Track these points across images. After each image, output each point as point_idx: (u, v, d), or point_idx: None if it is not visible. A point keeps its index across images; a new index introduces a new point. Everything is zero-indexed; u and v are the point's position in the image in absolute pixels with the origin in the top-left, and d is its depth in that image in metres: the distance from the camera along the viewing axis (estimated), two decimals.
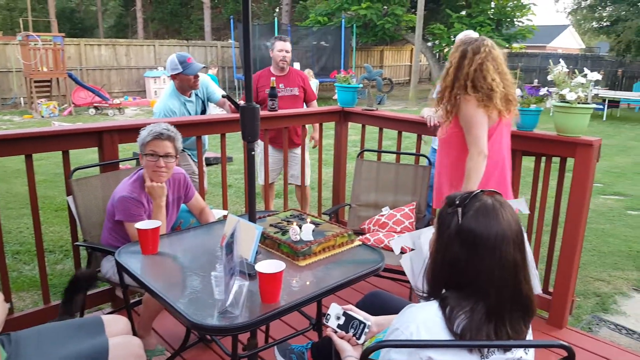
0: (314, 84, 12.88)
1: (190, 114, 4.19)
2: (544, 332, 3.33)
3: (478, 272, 1.41)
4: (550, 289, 3.49)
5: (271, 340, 3.07)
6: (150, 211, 2.88)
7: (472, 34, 4.70)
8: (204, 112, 4.36)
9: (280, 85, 4.89)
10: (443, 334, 1.40)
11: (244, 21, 2.03)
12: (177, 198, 3.09)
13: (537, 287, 2.39)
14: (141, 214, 2.80)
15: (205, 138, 4.45)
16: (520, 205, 2.75)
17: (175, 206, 3.09)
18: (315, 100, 5.28)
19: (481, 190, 1.49)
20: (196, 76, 4.10)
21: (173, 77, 4.10)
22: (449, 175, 3.10)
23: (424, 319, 1.43)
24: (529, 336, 1.53)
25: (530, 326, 1.53)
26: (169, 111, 4.06)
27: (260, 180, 4.99)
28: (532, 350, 1.54)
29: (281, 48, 4.88)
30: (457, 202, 1.47)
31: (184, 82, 4.08)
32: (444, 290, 1.50)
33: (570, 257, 3.25)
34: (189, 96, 4.18)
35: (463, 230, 1.43)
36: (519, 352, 1.46)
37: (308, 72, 13.45)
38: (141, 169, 2.92)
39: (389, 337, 1.49)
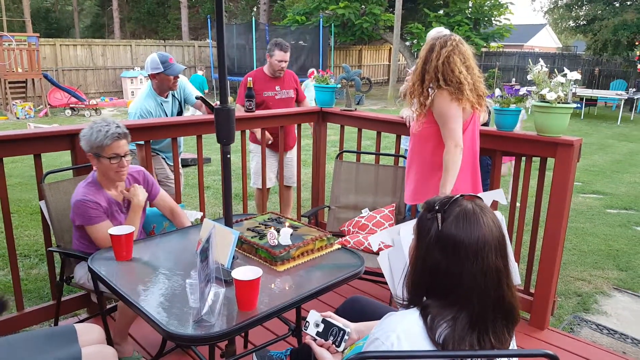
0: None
1: (166, 115, 4.11)
2: (526, 334, 3.31)
3: (460, 279, 1.36)
4: (532, 290, 3.48)
5: (251, 346, 3.01)
6: (110, 212, 2.79)
7: (444, 30, 4.69)
8: (180, 113, 4.29)
9: (276, 87, 4.87)
10: (425, 344, 1.36)
11: (217, 22, 1.98)
12: None
13: (516, 278, 2.36)
14: (100, 215, 2.70)
15: (181, 139, 4.38)
16: (497, 196, 2.73)
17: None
18: (307, 99, 5.23)
19: (461, 195, 1.45)
20: (176, 77, 4.03)
21: (152, 76, 4.02)
22: (422, 169, 3.15)
23: (405, 329, 1.39)
24: (513, 343, 1.49)
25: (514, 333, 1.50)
26: (145, 111, 3.99)
27: (257, 184, 4.93)
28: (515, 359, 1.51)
29: (281, 59, 4.80)
30: (437, 207, 1.42)
31: (164, 82, 4.01)
32: (424, 298, 1.45)
33: (552, 257, 3.23)
34: (166, 97, 4.11)
35: (443, 236, 1.38)
36: None
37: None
38: (95, 170, 2.84)
39: (368, 347, 1.44)
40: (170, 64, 3.98)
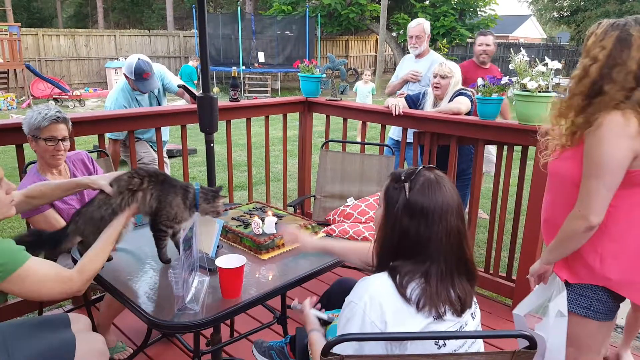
0: (367, 88, 10.89)
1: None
2: (508, 319, 3.36)
3: (428, 240, 1.49)
4: (514, 277, 3.53)
5: (237, 334, 3.03)
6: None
7: (419, 21, 4.73)
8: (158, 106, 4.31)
9: (479, 80, 4.85)
10: (394, 300, 1.47)
11: (199, 11, 1.98)
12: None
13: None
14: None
15: (166, 130, 4.38)
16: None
17: None
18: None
19: (422, 166, 1.58)
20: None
21: (126, 76, 4.06)
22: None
23: (376, 289, 1.50)
24: (475, 306, 1.63)
25: (476, 298, 1.63)
26: (119, 106, 4.04)
27: None
28: (478, 316, 1.63)
29: (481, 42, 4.97)
30: (403, 177, 1.55)
31: (133, 86, 4.10)
32: (391, 263, 1.56)
33: (533, 244, 3.28)
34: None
35: (411, 203, 1.51)
36: (466, 317, 1.55)
37: (366, 76, 11.00)
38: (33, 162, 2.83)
39: (344, 311, 1.55)
40: (144, 80, 4.00)
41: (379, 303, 1.46)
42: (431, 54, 4.82)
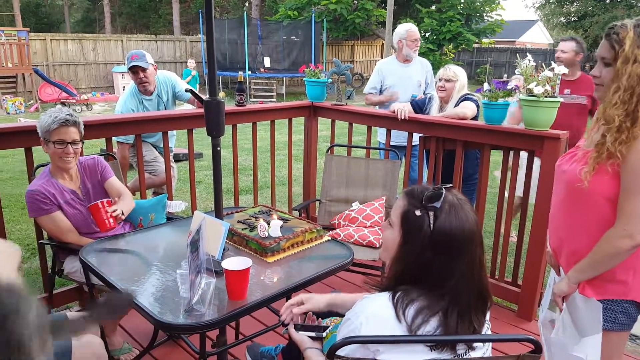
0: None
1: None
2: (514, 325, 3.36)
3: (451, 277, 1.38)
4: (519, 282, 3.52)
5: (241, 337, 3.04)
6: (65, 200, 2.78)
7: (406, 26, 4.74)
8: None
9: (565, 91, 4.44)
10: (393, 326, 1.38)
11: (206, 16, 1.99)
12: (96, 182, 2.98)
13: None
14: (49, 206, 2.70)
15: (173, 137, 4.42)
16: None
17: (99, 189, 2.97)
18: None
19: (444, 188, 1.44)
20: (137, 72, 4.09)
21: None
22: (569, 236, 2.02)
23: (374, 311, 1.42)
24: (487, 327, 1.53)
25: (489, 312, 1.52)
26: (127, 109, 4.08)
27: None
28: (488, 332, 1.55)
29: (559, 48, 4.55)
30: (424, 202, 1.41)
31: (133, 79, 4.15)
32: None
33: (539, 250, 3.27)
34: (150, 95, 4.16)
35: (436, 234, 1.38)
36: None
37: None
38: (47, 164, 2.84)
39: (341, 328, 1.49)
40: (130, 61, 4.07)
41: (373, 327, 1.39)
42: (418, 57, 4.86)
